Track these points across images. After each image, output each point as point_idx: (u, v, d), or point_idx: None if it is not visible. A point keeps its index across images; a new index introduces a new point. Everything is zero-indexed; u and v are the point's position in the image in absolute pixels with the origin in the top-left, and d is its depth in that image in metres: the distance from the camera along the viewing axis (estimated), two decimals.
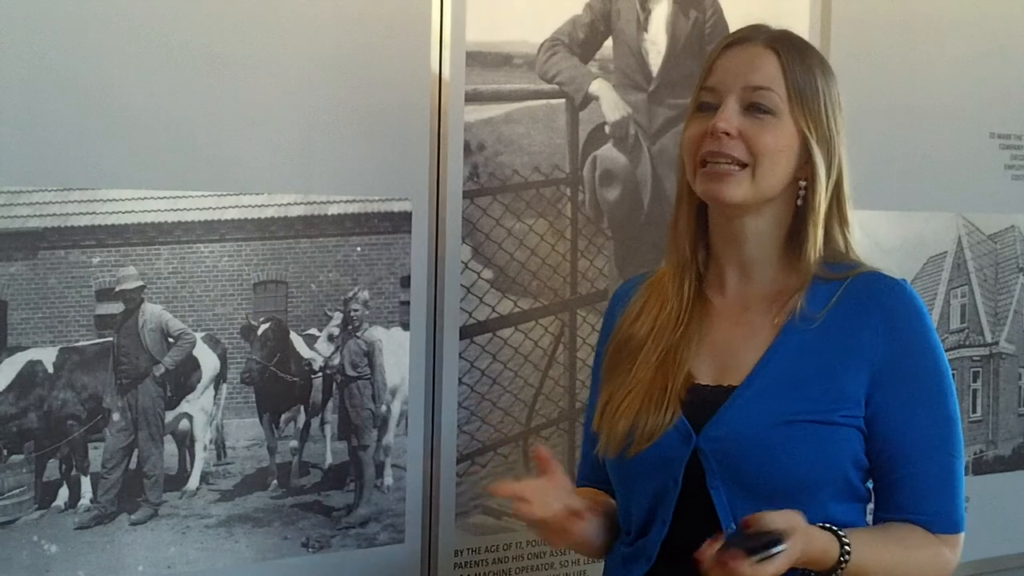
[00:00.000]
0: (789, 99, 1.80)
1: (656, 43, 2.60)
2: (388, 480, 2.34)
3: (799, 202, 1.84)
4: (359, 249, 2.28)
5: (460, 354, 2.40)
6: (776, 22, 1.90)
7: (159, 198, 2.07)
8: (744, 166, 1.79)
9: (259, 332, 2.20)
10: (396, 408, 2.35)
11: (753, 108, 1.80)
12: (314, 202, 2.22)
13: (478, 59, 2.37)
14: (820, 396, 1.78)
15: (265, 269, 2.19)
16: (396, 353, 2.34)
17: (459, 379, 2.40)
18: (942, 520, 1.82)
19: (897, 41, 2.96)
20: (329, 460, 2.29)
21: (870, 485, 1.87)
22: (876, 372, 1.79)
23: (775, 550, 1.60)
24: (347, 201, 2.25)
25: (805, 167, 1.83)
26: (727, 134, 1.78)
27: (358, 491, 2.31)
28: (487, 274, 2.44)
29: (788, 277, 1.85)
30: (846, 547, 1.71)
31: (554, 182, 2.51)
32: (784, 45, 1.83)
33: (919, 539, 1.81)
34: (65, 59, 1.98)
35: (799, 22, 2.78)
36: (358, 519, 2.31)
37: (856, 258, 1.87)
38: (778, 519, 1.63)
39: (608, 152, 2.57)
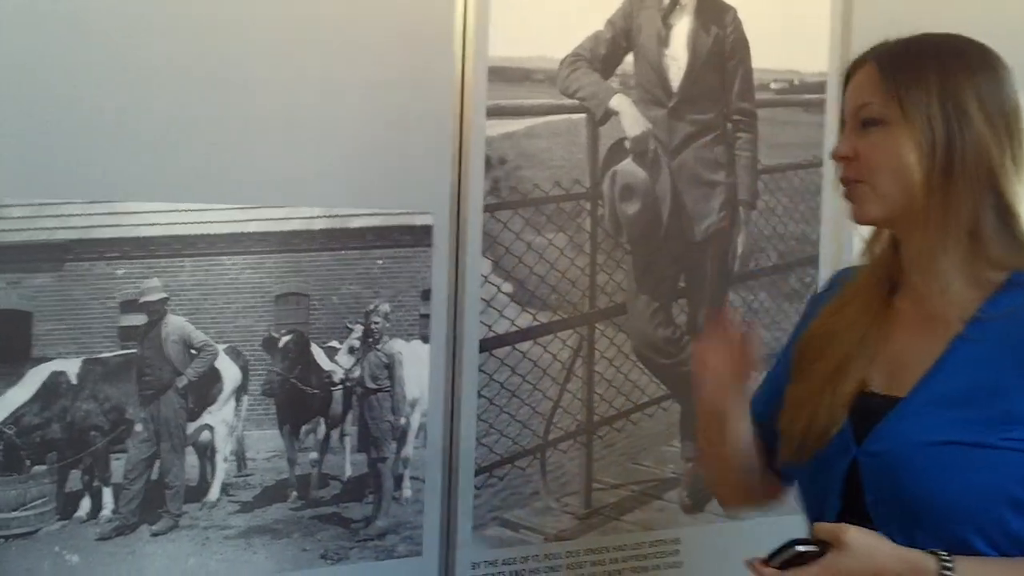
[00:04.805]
0: (891, 106, 1.74)
1: (677, 59, 2.61)
2: (407, 492, 2.35)
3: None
4: (380, 262, 2.28)
5: (479, 367, 2.41)
6: (796, 40, 1.87)
7: (184, 211, 2.08)
8: (864, 182, 1.77)
9: (280, 344, 2.21)
10: (415, 420, 2.35)
11: (865, 124, 1.77)
12: (337, 215, 2.23)
13: (500, 74, 2.38)
14: (982, 416, 1.68)
15: (287, 282, 2.20)
16: (416, 366, 2.35)
17: (478, 392, 2.41)
18: None
19: None
20: (348, 472, 2.30)
21: None
22: None
23: (794, 550, 1.61)
24: (369, 215, 2.26)
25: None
26: (846, 158, 1.78)
27: (377, 503, 2.32)
28: (507, 287, 2.45)
29: (969, 287, 1.76)
30: (946, 564, 1.62)
31: (574, 196, 2.52)
32: (889, 54, 1.79)
33: None
34: (90, 74, 1.99)
35: (819, 37, 2.79)
36: (377, 531, 2.31)
37: None
38: (824, 529, 1.62)
39: (628, 167, 2.57)
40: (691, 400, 2.70)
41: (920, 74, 1.74)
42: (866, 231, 1.91)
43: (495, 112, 2.39)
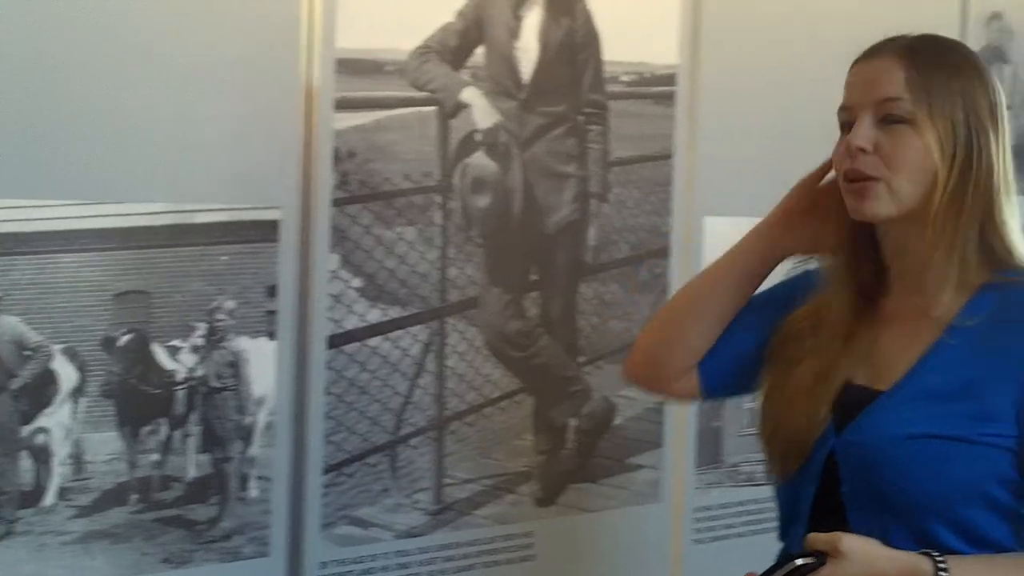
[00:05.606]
0: (920, 107, 1.74)
1: (528, 51, 2.59)
2: (253, 492, 2.30)
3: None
4: (225, 258, 2.23)
5: (328, 364, 2.37)
6: (646, 33, 1.86)
7: (16, 207, 2.00)
8: (881, 180, 1.76)
9: (120, 344, 2.14)
10: (262, 419, 2.31)
11: (887, 120, 1.76)
12: (180, 211, 2.17)
13: (348, 66, 2.34)
14: (962, 412, 1.72)
15: (127, 279, 2.13)
16: (262, 363, 2.30)
17: (326, 389, 2.37)
18: None
19: (770, 39, 2.99)
20: (192, 473, 2.24)
21: None
22: None
23: (792, 564, 1.63)
24: (214, 210, 2.21)
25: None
26: (862, 150, 1.76)
27: (222, 504, 2.26)
28: (356, 283, 2.41)
29: (957, 289, 1.78)
30: (940, 565, 1.64)
31: (424, 190, 2.49)
32: (913, 51, 1.78)
33: None
34: None
35: (670, 30, 2.81)
36: (222, 533, 2.26)
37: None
38: (819, 539, 1.64)
39: (479, 160, 2.55)
40: (544, 393, 2.72)
41: (947, 78, 1.76)
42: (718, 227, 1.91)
43: (344, 105, 2.34)
